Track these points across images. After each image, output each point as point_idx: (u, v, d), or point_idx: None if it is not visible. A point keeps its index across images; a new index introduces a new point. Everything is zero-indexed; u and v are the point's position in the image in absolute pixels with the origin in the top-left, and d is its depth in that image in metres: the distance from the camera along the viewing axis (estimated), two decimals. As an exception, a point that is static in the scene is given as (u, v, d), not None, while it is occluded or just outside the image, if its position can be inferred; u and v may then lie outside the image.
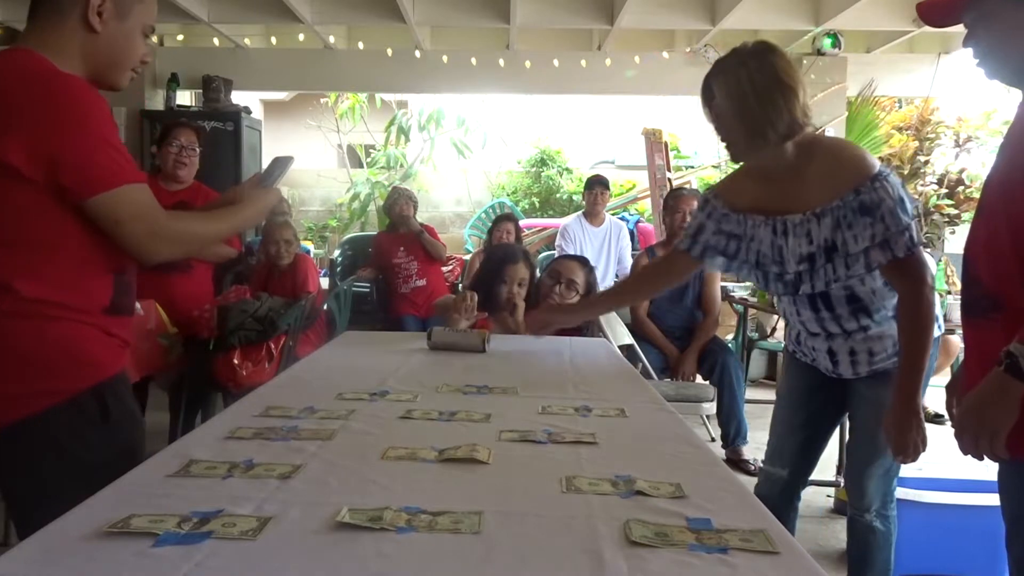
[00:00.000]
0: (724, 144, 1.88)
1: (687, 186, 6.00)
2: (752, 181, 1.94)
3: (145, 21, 1.53)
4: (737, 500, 1.13)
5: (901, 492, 2.68)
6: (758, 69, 1.74)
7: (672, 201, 4.25)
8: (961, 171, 6.82)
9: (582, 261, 3.09)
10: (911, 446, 1.79)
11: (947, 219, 6.69)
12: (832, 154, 1.81)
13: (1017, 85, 1.46)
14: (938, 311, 1.86)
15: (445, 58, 6.32)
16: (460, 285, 5.66)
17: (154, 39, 6.21)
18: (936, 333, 1.80)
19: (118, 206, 1.40)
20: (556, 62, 6.28)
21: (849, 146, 1.94)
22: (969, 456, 1.38)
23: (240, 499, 1.08)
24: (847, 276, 1.80)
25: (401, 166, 8.77)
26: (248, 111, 6.30)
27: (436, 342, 2.39)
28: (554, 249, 5.58)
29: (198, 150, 3.58)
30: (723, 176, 2.14)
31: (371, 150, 9.24)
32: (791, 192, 1.83)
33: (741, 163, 1.99)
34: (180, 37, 6.33)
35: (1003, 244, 1.37)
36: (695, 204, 4.08)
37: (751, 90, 1.73)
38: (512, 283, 2.84)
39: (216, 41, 6.07)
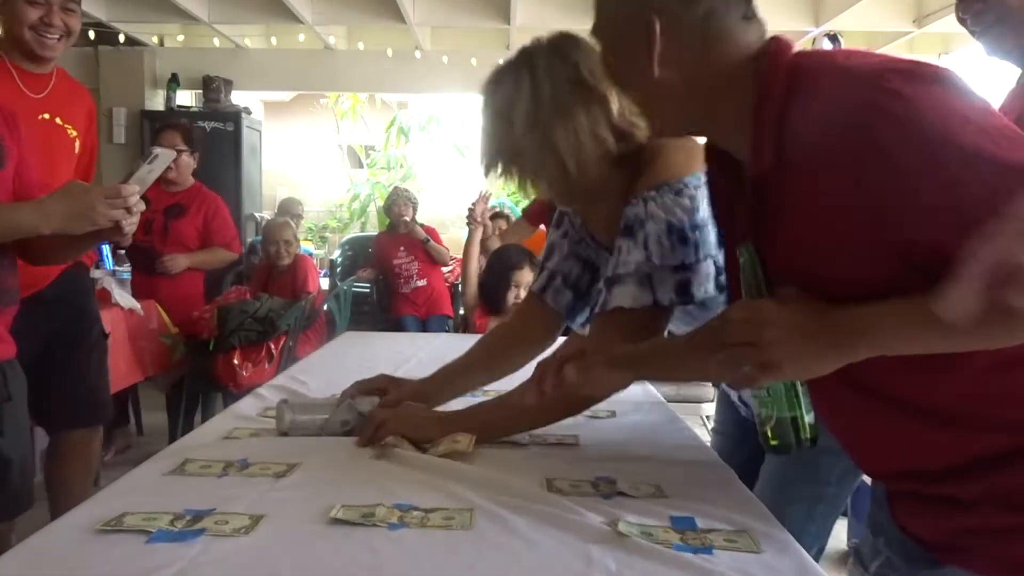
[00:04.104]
0: None
1: None
2: None
3: None
4: (723, 501, 1.13)
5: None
6: None
7: None
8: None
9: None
10: None
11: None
12: None
13: (1015, 61, 1.44)
14: None
15: (445, 58, 6.32)
16: (460, 286, 5.67)
17: (155, 39, 6.24)
18: None
19: None
20: (556, 62, 6.28)
21: None
22: None
23: (234, 497, 1.09)
24: None
25: (401, 167, 8.78)
26: (248, 111, 6.31)
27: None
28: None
29: (185, 149, 3.61)
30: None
31: (371, 150, 9.25)
32: None
33: None
34: (180, 37, 6.34)
35: None
36: None
37: None
38: (520, 288, 2.89)
39: (216, 41, 6.08)
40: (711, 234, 1.24)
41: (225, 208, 3.82)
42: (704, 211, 1.24)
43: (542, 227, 3.57)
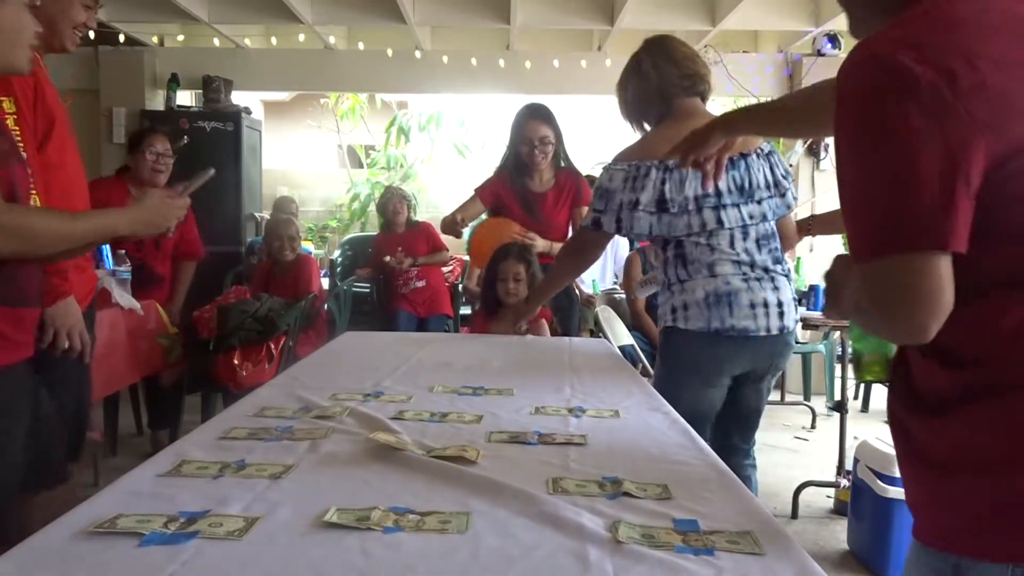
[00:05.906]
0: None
1: None
2: None
3: None
4: (725, 501, 1.12)
5: (900, 492, 2.66)
6: None
7: None
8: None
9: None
10: None
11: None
12: None
13: None
14: None
15: (445, 58, 6.31)
16: (460, 285, 5.66)
17: (155, 39, 6.23)
18: None
19: None
20: (556, 63, 6.27)
21: None
22: None
23: (229, 499, 1.08)
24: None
25: (401, 167, 8.76)
26: (248, 111, 6.29)
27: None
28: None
29: (172, 157, 3.66)
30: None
31: (371, 150, 9.23)
32: None
33: None
34: (180, 37, 6.33)
35: None
36: None
37: None
38: (508, 279, 2.87)
39: (216, 41, 6.07)
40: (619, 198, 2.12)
41: (191, 213, 3.83)
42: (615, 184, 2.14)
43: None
